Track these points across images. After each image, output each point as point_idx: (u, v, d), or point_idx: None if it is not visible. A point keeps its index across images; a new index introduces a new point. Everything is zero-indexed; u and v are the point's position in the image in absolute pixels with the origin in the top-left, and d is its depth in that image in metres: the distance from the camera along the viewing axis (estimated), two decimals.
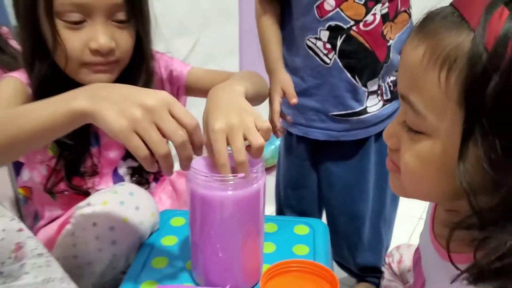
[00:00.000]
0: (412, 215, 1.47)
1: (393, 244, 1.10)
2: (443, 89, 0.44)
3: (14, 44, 1.24)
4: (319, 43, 0.94)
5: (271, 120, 0.95)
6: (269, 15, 1.00)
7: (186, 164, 0.61)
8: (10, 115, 0.66)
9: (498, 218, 0.43)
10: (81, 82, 0.81)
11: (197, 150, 0.61)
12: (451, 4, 0.47)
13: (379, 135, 1.00)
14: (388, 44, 0.94)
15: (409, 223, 1.45)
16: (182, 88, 0.96)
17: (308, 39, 0.95)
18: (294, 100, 0.91)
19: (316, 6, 0.92)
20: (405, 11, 0.96)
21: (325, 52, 0.94)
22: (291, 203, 1.09)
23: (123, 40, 0.82)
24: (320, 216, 1.13)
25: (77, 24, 0.77)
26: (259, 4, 1.01)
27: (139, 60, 0.88)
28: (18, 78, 0.83)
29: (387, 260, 0.99)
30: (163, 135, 0.57)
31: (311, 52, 0.95)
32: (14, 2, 0.81)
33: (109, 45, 0.78)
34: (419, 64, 0.46)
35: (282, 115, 0.94)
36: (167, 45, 1.12)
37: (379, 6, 0.91)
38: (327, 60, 0.95)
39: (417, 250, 0.66)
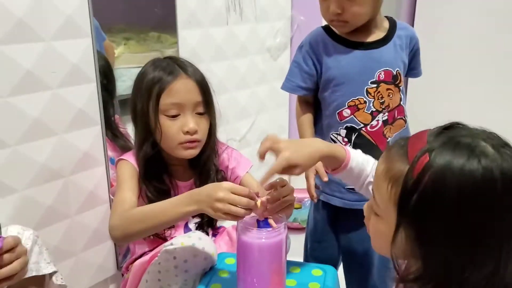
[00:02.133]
0: None
1: None
2: (388, 195, 0.67)
3: (122, 130, 1.68)
4: (339, 138, 1.29)
5: (308, 191, 1.30)
6: (306, 115, 1.36)
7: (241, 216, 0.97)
8: (142, 215, 1.09)
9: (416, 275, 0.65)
10: (177, 156, 1.23)
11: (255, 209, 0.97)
12: (407, 140, 0.69)
13: None
14: (388, 140, 1.28)
15: None
16: (237, 182, 1.34)
17: (332, 134, 1.30)
18: (325, 178, 1.25)
19: (338, 113, 1.27)
20: (401, 118, 1.30)
21: (343, 144, 1.28)
22: (316, 253, 1.41)
23: (203, 125, 1.23)
24: (339, 263, 1.43)
25: (174, 117, 1.20)
26: (299, 106, 1.38)
27: (209, 139, 1.28)
28: (129, 161, 1.25)
29: None
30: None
31: (333, 143, 1.30)
32: (132, 106, 1.25)
33: (195, 128, 1.20)
34: (380, 175, 0.69)
35: (316, 186, 1.29)
36: (231, 126, 1.50)
37: (381, 115, 1.26)
38: None
39: None
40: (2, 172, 1.20)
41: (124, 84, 1.91)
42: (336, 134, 1.29)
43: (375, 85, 1.24)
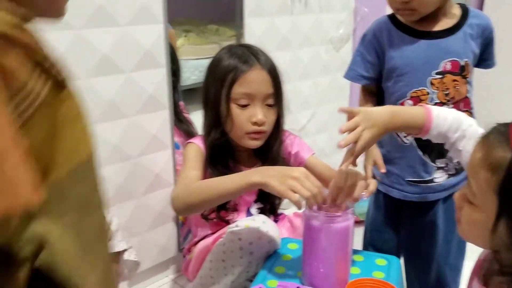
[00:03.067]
0: None
1: None
2: (487, 183, 0.65)
3: (186, 115, 1.73)
4: None
5: None
6: (368, 104, 1.35)
7: (312, 204, 0.97)
8: (203, 186, 1.10)
9: None
10: (242, 145, 1.25)
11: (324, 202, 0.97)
12: (507, 126, 0.67)
13: (446, 199, 1.27)
14: None
15: None
16: (302, 165, 1.33)
17: None
18: (383, 170, 1.23)
19: (399, 103, 1.23)
20: (467, 110, 1.24)
21: (405, 135, 1.24)
22: (376, 244, 1.39)
23: (270, 117, 1.24)
24: (398, 256, 1.40)
25: (244, 106, 1.21)
26: (362, 96, 1.37)
27: (275, 130, 1.30)
28: (197, 144, 1.28)
29: None
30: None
31: (394, 134, 1.26)
32: (205, 91, 1.28)
33: (263, 119, 1.21)
34: (477, 163, 0.67)
35: (373, 177, 1.27)
36: (292, 116, 1.51)
37: (445, 107, 1.21)
38: (406, 141, 1.24)
39: None
40: None
41: (184, 76, 1.95)
42: None
43: (440, 76, 1.20)
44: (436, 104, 1.21)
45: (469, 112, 1.26)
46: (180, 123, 1.66)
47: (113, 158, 1.35)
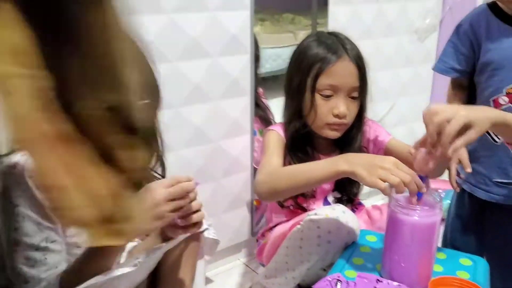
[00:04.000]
0: None
1: None
2: None
3: (264, 101, 1.74)
4: None
5: (450, 180, 1.23)
6: (457, 99, 1.29)
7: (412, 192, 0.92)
8: (290, 172, 1.10)
9: None
10: (321, 134, 1.24)
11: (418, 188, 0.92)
12: None
13: None
14: None
15: None
16: (381, 151, 1.31)
17: None
18: (469, 169, 1.17)
19: (493, 100, 1.17)
20: None
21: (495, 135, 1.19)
22: (457, 244, 1.33)
23: (352, 110, 1.22)
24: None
25: (328, 97, 1.20)
26: (451, 90, 1.31)
27: (357, 122, 1.28)
28: (277, 131, 1.29)
29: None
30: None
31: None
32: (289, 78, 1.27)
33: (345, 112, 1.19)
34: None
35: (458, 176, 1.22)
36: (370, 106, 1.47)
37: None
38: (496, 139, 1.18)
39: None
40: (164, 132, 1.30)
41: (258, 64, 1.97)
42: None
43: None
44: None
45: None
46: (258, 109, 1.67)
47: (196, 140, 1.38)
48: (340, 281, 0.99)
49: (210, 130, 1.41)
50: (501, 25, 1.16)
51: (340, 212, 1.13)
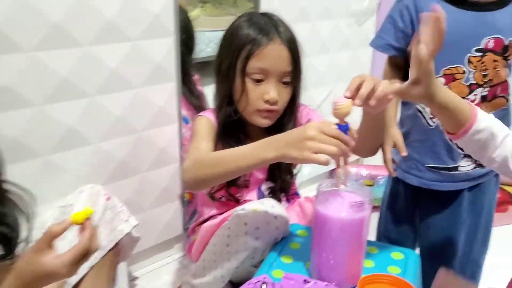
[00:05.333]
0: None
1: None
2: None
3: (199, 88, 1.65)
4: (427, 109, 1.14)
5: (386, 165, 1.19)
6: (395, 79, 1.23)
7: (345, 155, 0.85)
8: (215, 159, 1.01)
9: None
10: (251, 122, 1.16)
11: (348, 146, 0.85)
12: None
13: (472, 189, 1.18)
14: None
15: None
16: None
17: (419, 105, 1.15)
18: (404, 153, 1.14)
19: None
20: (503, 96, 1.13)
21: (431, 116, 1.13)
22: (390, 235, 1.30)
23: (284, 96, 1.15)
24: (415, 248, 1.31)
25: (258, 82, 1.12)
26: (388, 69, 1.23)
27: (290, 109, 1.20)
28: (207, 117, 1.20)
29: None
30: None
31: (419, 114, 1.15)
32: (218, 61, 1.18)
33: (275, 98, 1.11)
34: None
35: (393, 161, 1.18)
36: (307, 93, 1.42)
37: (480, 89, 1.10)
38: (431, 123, 1.14)
39: None
40: (79, 122, 1.18)
41: (198, 48, 1.87)
42: (424, 105, 1.15)
43: (480, 54, 1.09)
44: (471, 85, 1.10)
45: (506, 99, 1.15)
46: (192, 97, 1.58)
47: (117, 131, 1.27)
48: (266, 283, 0.92)
49: (132, 119, 1.30)
50: (443, 3, 1.10)
51: (269, 207, 1.06)
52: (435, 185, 1.18)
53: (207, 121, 1.19)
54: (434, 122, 1.14)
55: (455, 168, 1.16)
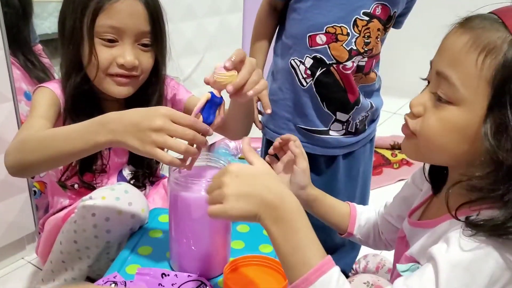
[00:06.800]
0: None
1: (363, 252, 1.21)
2: (478, 69, 0.57)
3: (44, 60, 1.42)
4: (302, 67, 1.05)
5: (254, 120, 1.09)
6: (266, 25, 1.12)
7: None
8: (41, 140, 0.81)
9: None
10: (104, 91, 0.98)
11: (204, 134, 0.74)
12: (490, 12, 0.60)
13: (346, 156, 1.14)
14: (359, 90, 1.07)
15: None
16: (181, 110, 1.10)
17: (293, 60, 1.05)
18: (269, 110, 1.03)
19: (309, 36, 1.02)
20: (374, 71, 1.09)
21: (305, 76, 1.05)
22: None
23: (145, 60, 0.97)
24: None
25: (110, 42, 0.93)
26: (263, 11, 1.11)
27: (154, 79, 1.04)
28: (51, 89, 0.99)
29: (354, 267, 1.11)
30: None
31: (292, 70, 1.06)
32: (61, 20, 0.97)
33: (133, 62, 0.94)
34: (462, 48, 0.59)
35: (260, 112, 1.09)
36: (174, 63, 1.27)
37: (359, 57, 1.03)
38: (304, 83, 1.06)
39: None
40: None
41: (44, 22, 1.66)
42: (299, 61, 1.05)
43: (367, 18, 1.01)
44: (352, 51, 1.02)
45: (375, 73, 1.10)
46: (33, 69, 1.35)
47: None
48: (116, 282, 0.78)
49: None
50: None
51: (121, 192, 0.91)
52: (307, 148, 1.09)
53: (49, 93, 0.98)
54: (307, 83, 1.06)
55: (326, 132, 1.09)
